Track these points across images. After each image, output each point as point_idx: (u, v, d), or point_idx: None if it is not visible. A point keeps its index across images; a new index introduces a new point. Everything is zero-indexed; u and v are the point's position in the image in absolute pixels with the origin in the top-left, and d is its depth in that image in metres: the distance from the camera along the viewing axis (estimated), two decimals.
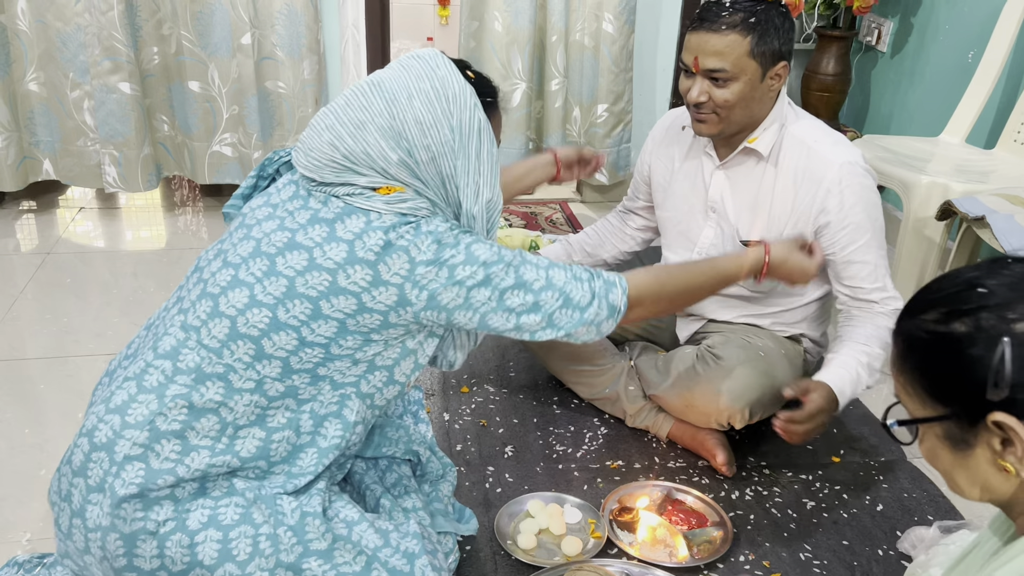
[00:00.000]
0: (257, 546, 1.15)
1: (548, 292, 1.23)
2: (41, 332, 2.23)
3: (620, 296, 1.29)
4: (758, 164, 1.67)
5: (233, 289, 1.18)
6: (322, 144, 1.18)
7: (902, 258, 2.08)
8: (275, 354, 1.17)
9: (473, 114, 1.20)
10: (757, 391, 1.65)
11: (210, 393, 1.16)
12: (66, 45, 2.74)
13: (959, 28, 2.62)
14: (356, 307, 1.16)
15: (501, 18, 2.87)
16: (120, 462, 1.14)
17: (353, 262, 1.15)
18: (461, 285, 1.18)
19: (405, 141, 1.17)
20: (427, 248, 1.16)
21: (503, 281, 1.20)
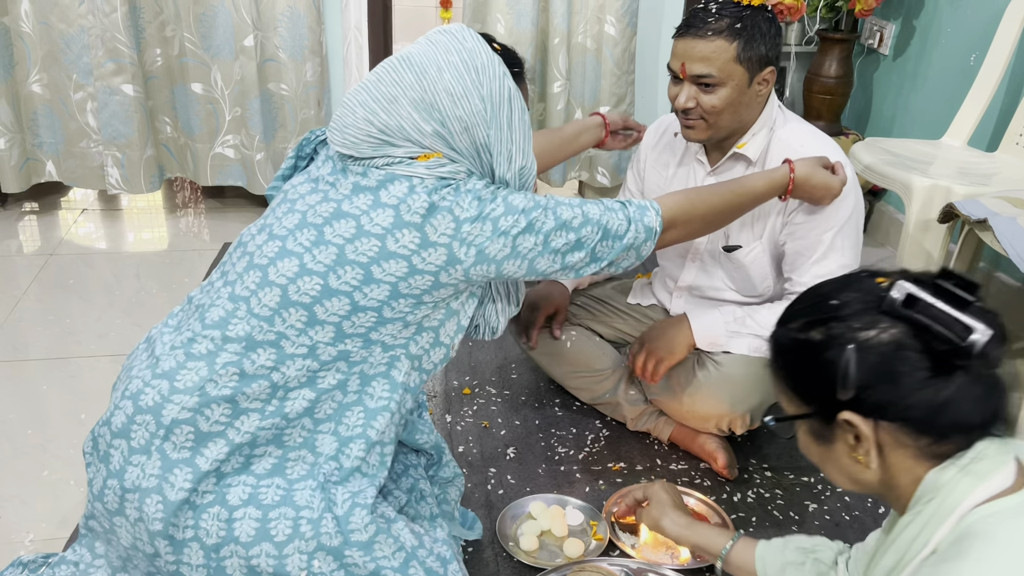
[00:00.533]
0: (298, 528, 1.16)
1: (587, 227, 1.26)
2: (44, 333, 2.23)
3: (655, 217, 1.33)
4: (748, 169, 1.68)
5: (282, 259, 1.19)
6: (357, 120, 1.20)
7: (904, 260, 2.08)
8: (328, 319, 1.18)
9: (502, 83, 1.21)
10: (758, 397, 1.65)
11: (261, 359, 1.18)
12: (69, 47, 2.75)
13: (961, 31, 2.63)
14: (407, 270, 1.18)
15: (503, 20, 2.87)
16: (168, 425, 1.16)
17: (400, 226, 1.17)
18: (507, 235, 1.20)
19: (437, 112, 1.19)
20: (469, 206, 1.19)
21: (544, 224, 1.23)
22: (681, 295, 1.88)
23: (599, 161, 3.13)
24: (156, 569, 1.20)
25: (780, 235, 1.68)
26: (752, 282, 1.76)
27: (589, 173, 3.18)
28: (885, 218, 2.99)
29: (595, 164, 3.14)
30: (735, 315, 1.68)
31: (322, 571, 1.16)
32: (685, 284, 1.85)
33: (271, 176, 2.95)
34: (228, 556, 1.15)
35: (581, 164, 3.16)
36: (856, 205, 1.63)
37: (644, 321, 1.94)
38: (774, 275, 1.75)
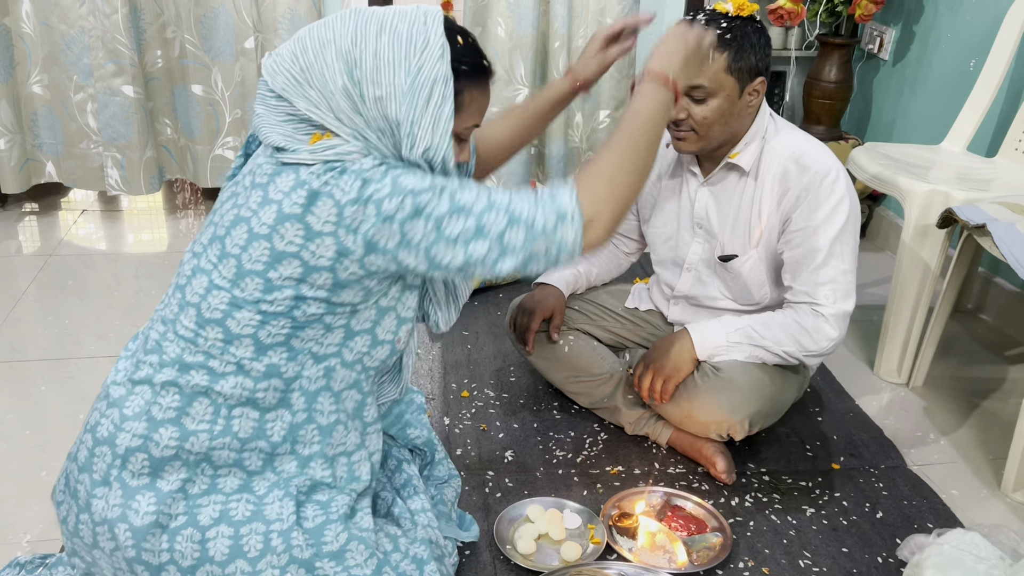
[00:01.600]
0: (269, 543, 1.15)
1: (491, 213, 1.11)
2: (43, 334, 2.23)
3: (568, 197, 1.12)
4: (741, 179, 1.69)
5: (195, 277, 1.17)
6: (286, 51, 1.15)
7: (903, 266, 2.08)
8: (243, 333, 1.14)
9: (436, 65, 1.11)
10: (757, 403, 1.65)
11: (196, 380, 1.16)
12: (70, 48, 2.75)
13: (961, 36, 2.63)
14: (302, 270, 1.12)
15: (504, 24, 2.87)
16: (123, 454, 1.15)
17: (283, 220, 1.10)
18: (391, 220, 1.09)
19: (357, 70, 1.11)
20: (351, 187, 1.10)
21: (436, 208, 1.10)
22: (678, 303, 1.88)
23: None
24: None
25: (777, 244, 1.68)
26: (749, 291, 1.76)
27: None
28: (884, 223, 2.99)
29: None
30: (735, 325, 1.68)
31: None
32: (682, 293, 1.85)
33: None
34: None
35: (581, 167, 3.16)
36: (852, 210, 1.63)
37: (642, 326, 1.94)
38: (771, 284, 1.75)
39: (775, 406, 1.70)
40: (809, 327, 1.64)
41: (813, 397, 2.04)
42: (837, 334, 1.64)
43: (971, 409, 2.06)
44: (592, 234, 1.14)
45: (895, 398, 2.10)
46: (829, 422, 1.95)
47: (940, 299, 2.06)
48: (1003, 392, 2.14)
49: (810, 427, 1.92)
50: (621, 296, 1.97)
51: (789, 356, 1.66)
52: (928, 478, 1.78)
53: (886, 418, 2.00)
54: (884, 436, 1.91)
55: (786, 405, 1.76)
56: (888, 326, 2.14)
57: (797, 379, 1.77)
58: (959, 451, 1.90)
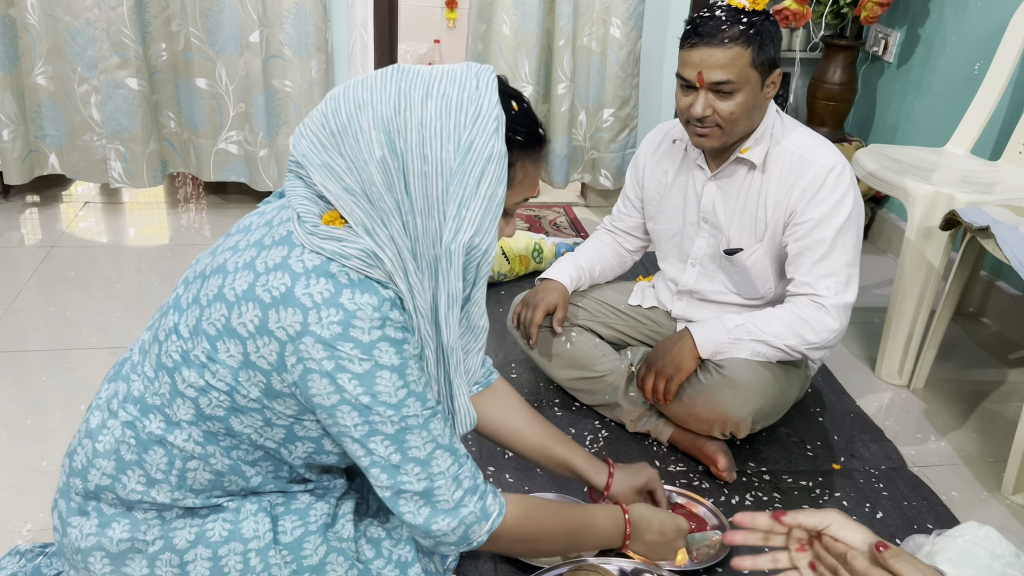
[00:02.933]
0: (247, 563, 1.12)
1: (416, 468, 1.04)
2: (44, 325, 2.23)
3: (482, 533, 1.11)
4: (749, 173, 1.69)
5: (169, 313, 1.08)
6: (318, 113, 1.03)
7: (905, 268, 2.08)
8: (186, 393, 1.05)
9: (489, 140, 0.99)
10: (760, 400, 1.65)
11: (152, 426, 1.08)
12: (75, 40, 2.75)
13: (966, 39, 2.63)
14: (242, 358, 1.01)
15: (509, 21, 2.87)
16: (94, 491, 1.12)
17: (249, 299, 0.99)
18: (338, 391, 0.99)
19: (401, 141, 0.98)
20: (328, 324, 0.97)
21: (382, 426, 1.02)
22: (682, 298, 1.88)
23: (602, 163, 3.13)
24: None
25: (783, 237, 1.69)
26: (753, 285, 1.76)
27: (592, 175, 3.18)
28: (887, 225, 2.99)
29: (598, 166, 3.14)
30: (736, 322, 1.68)
31: None
32: (686, 288, 1.85)
33: (274, 173, 2.95)
34: None
35: (584, 166, 3.16)
36: (856, 204, 1.64)
37: (644, 323, 1.94)
38: (775, 277, 1.75)
39: (778, 404, 1.70)
40: (810, 319, 1.64)
41: (814, 397, 2.05)
42: (838, 325, 1.64)
43: (972, 412, 2.06)
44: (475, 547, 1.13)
45: (896, 399, 2.10)
46: (830, 422, 1.95)
47: (942, 302, 2.06)
48: (1004, 395, 2.15)
49: (811, 427, 1.92)
50: (624, 293, 1.97)
51: (791, 349, 1.66)
52: (928, 479, 1.78)
53: (887, 419, 2.00)
54: (885, 437, 1.91)
55: (788, 403, 1.76)
56: (890, 328, 2.14)
57: (799, 377, 1.77)
58: (959, 453, 1.90)
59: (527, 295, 1.87)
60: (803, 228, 1.64)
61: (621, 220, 1.98)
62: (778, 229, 1.69)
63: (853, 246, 1.64)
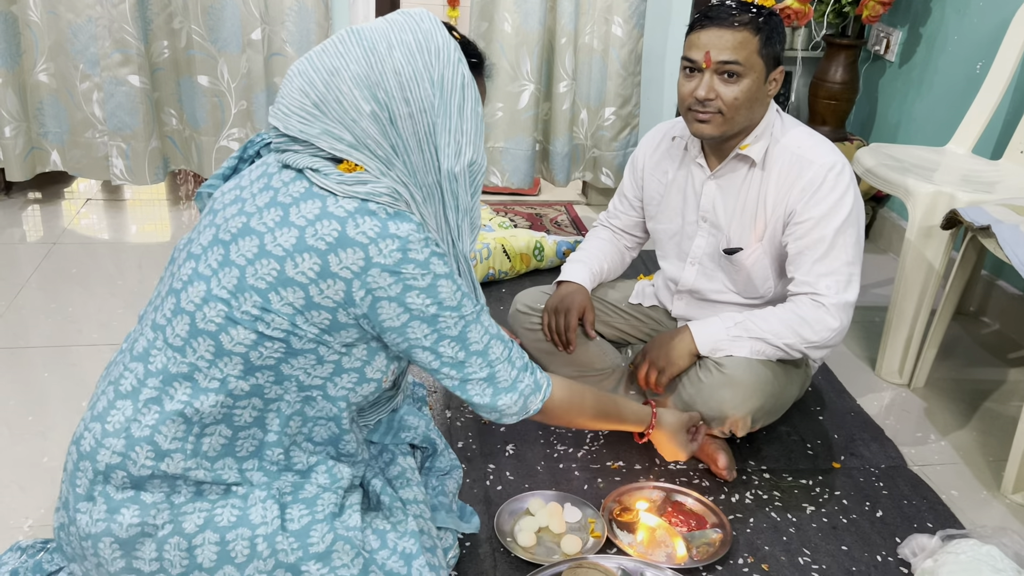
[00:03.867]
0: (255, 548, 1.14)
1: (478, 359, 1.20)
2: (45, 321, 2.24)
3: (537, 403, 1.28)
4: (749, 171, 1.69)
5: (193, 283, 1.13)
6: (292, 90, 1.10)
7: (906, 267, 2.08)
8: (234, 350, 1.11)
9: (456, 69, 1.12)
10: (760, 399, 1.65)
11: (178, 395, 1.12)
12: (77, 37, 2.75)
13: (968, 39, 2.63)
14: (304, 302, 1.09)
15: (511, 19, 2.87)
16: (103, 471, 1.13)
17: (302, 250, 1.08)
18: (407, 310, 1.12)
19: (382, 92, 1.08)
20: (389, 253, 1.08)
21: (448, 329, 1.16)
22: (682, 297, 1.88)
23: (603, 162, 3.13)
24: None
25: (782, 236, 1.69)
26: (753, 284, 1.76)
27: (593, 173, 3.18)
28: (888, 224, 2.99)
29: (599, 164, 3.15)
30: (735, 320, 1.68)
31: None
32: (686, 287, 1.85)
33: None
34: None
35: (585, 164, 3.16)
36: (856, 203, 1.64)
37: (645, 322, 1.94)
38: (775, 276, 1.75)
39: (778, 402, 1.70)
40: (810, 318, 1.64)
41: (814, 396, 2.05)
42: (838, 324, 1.64)
43: (972, 411, 2.07)
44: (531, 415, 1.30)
45: (896, 398, 2.10)
46: (830, 421, 1.95)
47: (943, 301, 2.06)
48: (1004, 394, 2.15)
49: (811, 426, 1.93)
50: (625, 292, 1.97)
51: (790, 348, 1.66)
52: (928, 478, 1.78)
53: (887, 418, 2.01)
54: (885, 436, 1.91)
55: (789, 402, 1.76)
56: (890, 327, 2.15)
57: (800, 376, 1.78)
58: (959, 452, 1.90)
59: (551, 302, 1.84)
60: (803, 227, 1.64)
61: (617, 218, 1.98)
62: (778, 228, 1.69)
63: (853, 245, 1.64)
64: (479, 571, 1.45)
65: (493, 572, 1.45)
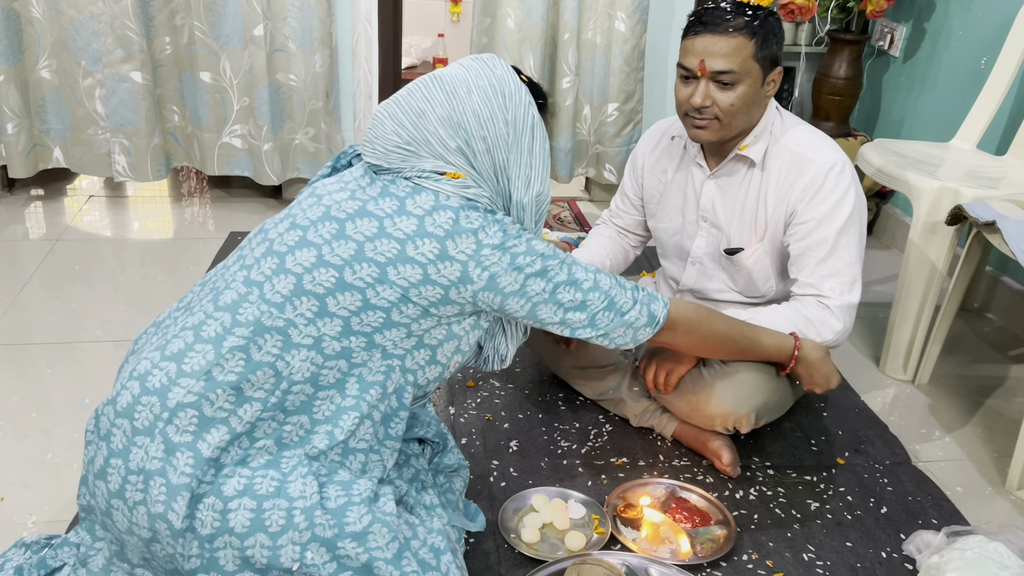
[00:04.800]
0: (291, 519, 1.15)
1: (595, 293, 1.31)
2: (48, 318, 2.24)
3: (661, 309, 1.38)
4: (749, 171, 1.69)
5: (301, 248, 1.22)
6: (386, 132, 1.26)
7: (910, 263, 2.08)
8: (338, 312, 1.20)
9: (527, 111, 1.28)
10: (763, 395, 1.65)
11: (268, 346, 1.19)
12: (79, 33, 2.75)
13: (972, 34, 2.62)
14: (421, 277, 1.21)
15: (513, 15, 2.87)
16: (172, 408, 1.15)
17: (423, 235, 1.21)
18: (520, 271, 1.25)
19: (463, 131, 1.25)
20: (494, 233, 1.23)
21: (557, 275, 1.28)
22: (684, 296, 1.88)
23: (606, 158, 3.13)
24: (151, 555, 1.19)
25: (784, 236, 1.68)
26: (754, 284, 1.76)
27: (596, 169, 3.17)
28: (892, 220, 2.98)
29: (602, 160, 3.14)
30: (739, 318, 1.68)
31: (314, 562, 1.16)
32: (687, 287, 1.85)
33: (278, 166, 2.95)
34: (222, 547, 1.14)
35: (588, 160, 3.16)
36: (858, 202, 1.63)
37: None
38: (776, 276, 1.75)
39: (782, 400, 1.70)
40: (814, 319, 1.63)
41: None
42: (842, 326, 1.64)
43: (976, 407, 2.06)
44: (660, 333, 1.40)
45: (900, 395, 2.10)
46: (834, 418, 1.95)
47: (947, 297, 2.06)
48: (1008, 391, 2.14)
49: (815, 422, 1.92)
50: None
51: None
52: (933, 475, 1.78)
53: (891, 414, 2.00)
54: (889, 432, 1.91)
55: (792, 399, 1.76)
56: (894, 323, 2.14)
57: None
58: (964, 448, 1.89)
59: None
60: (804, 228, 1.64)
61: (619, 217, 1.98)
62: (779, 229, 1.68)
63: (856, 244, 1.64)
64: (483, 567, 1.45)
65: (497, 568, 1.45)
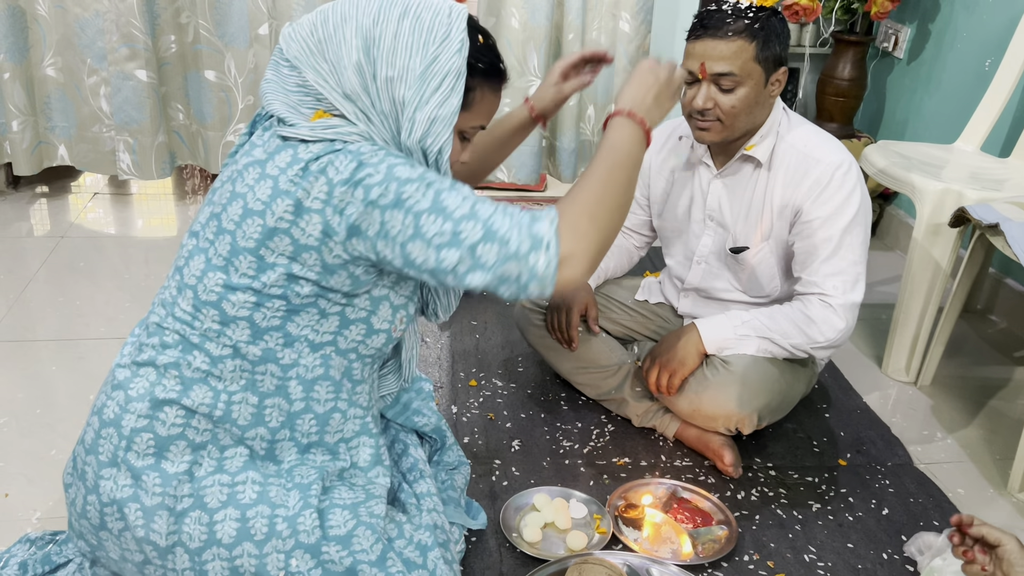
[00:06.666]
0: (274, 527, 1.15)
1: (469, 222, 1.06)
2: (53, 315, 2.24)
3: (548, 225, 1.07)
4: (755, 171, 1.69)
5: (193, 258, 1.16)
6: (306, 21, 1.15)
7: (913, 264, 2.08)
8: (239, 315, 1.14)
9: (452, 57, 1.11)
10: (766, 396, 1.65)
11: (197, 363, 1.15)
12: (84, 31, 2.76)
13: (976, 36, 2.62)
14: (292, 248, 1.10)
15: (518, 15, 2.87)
16: (128, 435, 1.15)
17: (276, 195, 1.09)
18: (375, 206, 1.06)
19: (375, 48, 1.11)
20: (345, 167, 1.08)
21: (418, 203, 1.06)
22: (688, 295, 1.88)
23: None
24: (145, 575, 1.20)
25: (789, 236, 1.68)
26: (759, 283, 1.76)
27: None
28: (895, 222, 2.98)
29: None
30: (742, 318, 1.68)
31: (299, 569, 1.15)
32: (692, 285, 1.85)
33: None
34: (211, 560, 1.14)
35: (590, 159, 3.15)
36: (863, 202, 1.63)
37: (651, 318, 1.94)
38: (781, 276, 1.75)
39: (784, 400, 1.70)
40: (817, 318, 1.64)
41: (821, 394, 2.04)
42: (845, 325, 1.64)
43: (979, 409, 2.06)
44: (569, 271, 1.08)
45: (903, 396, 2.10)
46: (836, 419, 1.95)
47: (950, 299, 2.06)
48: (1011, 393, 2.14)
49: (817, 423, 1.92)
50: (631, 289, 1.97)
51: (797, 349, 1.66)
52: (935, 476, 1.78)
53: (893, 416, 2.00)
54: (891, 434, 1.91)
55: (795, 400, 1.76)
56: (897, 325, 2.14)
57: (806, 374, 1.77)
58: (966, 450, 1.89)
59: (553, 299, 1.85)
60: (810, 227, 1.64)
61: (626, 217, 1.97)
62: (784, 228, 1.68)
63: (860, 244, 1.64)
64: (485, 566, 1.45)
65: (499, 567, 1.45)
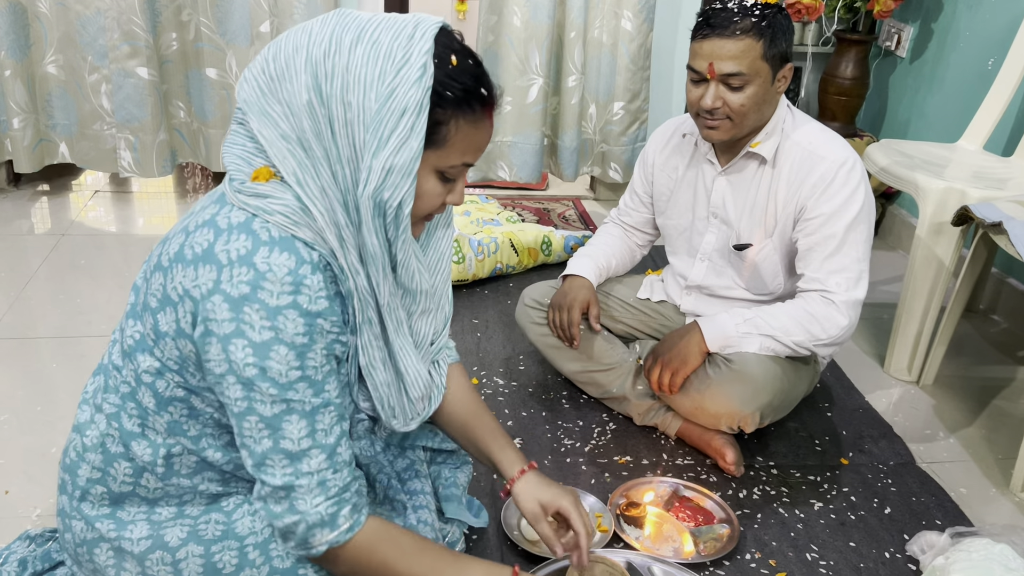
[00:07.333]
0: (245, 556, 1.11)
1: (279, 466, 0.98)
2: (54, 312, 2.24)
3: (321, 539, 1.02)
4: (759, 168, 1.69)
5: (134, 295, 1.08)
6: (260, 57, 0.99)
7: (916, 263, 2.07)
8: (143, 378, 1.03)
9: (410, 90, 0.93)
10: (769, 395, 1.65)
11: (125, 424, 1.08)
12: (85, 28, 2.76)
13: (979, 35, 2.61)
14: (176, 327, 0.97)
15: (520, 13, 2.87)
16: (83, 486, 1.12)
17: (178, 260, 0.97)
18: (226, 359, 0.94)
19: (327, 85, 0.94)
20: (239, 283, 0.93)
21: (259, 405, 0.96)
22: (691, 293, 1.87)
23: (612, 156, 3.12)
24: None
25: (792, 232, 1.68)
26: (763, 280, 1.76)
27: (601, 168, 3.17)
28: (897, 221, 2.97)
29: (607, 159, 3.14)
30: (745, 316, 1.68)
31: None
32: (695, 283, 1.85)
33: None
34: None
35: (593, 159, 3.16)
36: (867, 200, 1.63)
37: (653, 317, 1.93)
38: (785, 272, 1.75)
39: (786, 399, 1.70)
40: (819, 315, 1.63)
41: (823, 393, 2.04)
42: (847, 322, 1.63)
43: (981, 408, 2.06)
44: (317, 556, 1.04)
45: (905, 395, 2.09)
46: (839, 418, 1.95)
47: (952, 298, 2.05)
48: (1013, 392, 2.14)
49: (819, 422, 1.92)
50: (633, 287, 1.97)
51: (799, 346, 1.65)
52: (937, 475, 1.77)
53: (896, 415, 2.00)
54: (893, 433, 1.91)
55: (797, 398, 1.76)
56: (899, 324, 2.14)
57: (808, 373, 1.77)
58: (968, 449, 1.89)
59: (555, 297, 1.84)
60: (813, 224, 1.64)
61: (628, 215, 1.97)
62: (788, 225, 1.68)
63: (863, 242, 1.64)
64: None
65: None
